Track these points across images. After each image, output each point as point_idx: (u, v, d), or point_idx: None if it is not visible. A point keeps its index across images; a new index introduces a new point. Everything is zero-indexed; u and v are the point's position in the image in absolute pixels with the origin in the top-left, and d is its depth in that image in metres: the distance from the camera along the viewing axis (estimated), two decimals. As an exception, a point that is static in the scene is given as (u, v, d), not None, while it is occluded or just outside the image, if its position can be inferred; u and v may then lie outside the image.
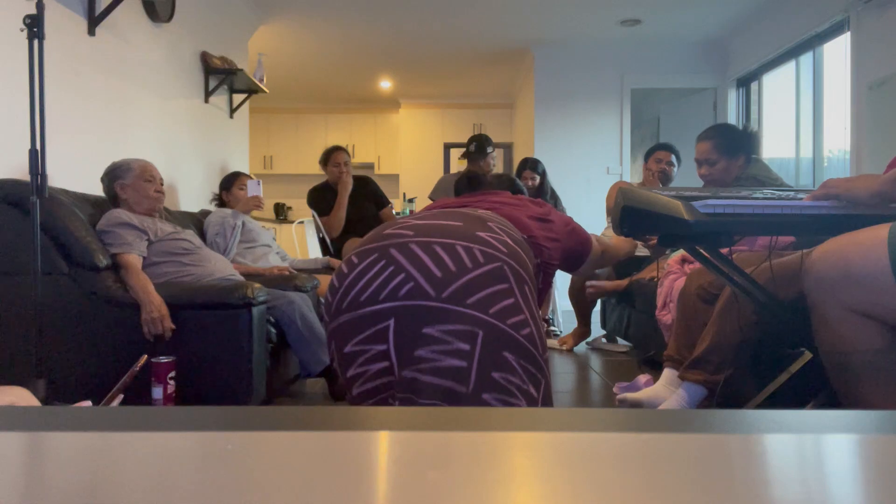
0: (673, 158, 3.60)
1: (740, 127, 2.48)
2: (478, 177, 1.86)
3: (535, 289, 1.13)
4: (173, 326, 2.08)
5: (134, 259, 2.23)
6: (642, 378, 2.51)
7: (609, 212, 3.80)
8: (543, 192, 4.12)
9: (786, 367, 1.94)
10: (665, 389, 2.13)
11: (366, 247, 1.08)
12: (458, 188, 1.84)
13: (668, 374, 2.17)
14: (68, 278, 2.09)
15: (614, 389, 2.49)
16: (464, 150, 4.22)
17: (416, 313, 0.98)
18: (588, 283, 3.52)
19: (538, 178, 4.09)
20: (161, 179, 2.50)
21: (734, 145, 2.36)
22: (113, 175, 2.43)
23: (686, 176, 5.58)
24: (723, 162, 2.36)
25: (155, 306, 2.07)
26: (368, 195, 4.09)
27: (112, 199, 2.45)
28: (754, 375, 2.08)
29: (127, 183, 2.41)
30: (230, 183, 3.28)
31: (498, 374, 0.98)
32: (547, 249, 1.32)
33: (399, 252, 1.02)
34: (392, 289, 0.99)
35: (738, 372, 1.98)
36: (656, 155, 3.64)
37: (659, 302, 2.70)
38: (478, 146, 4.12)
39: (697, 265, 2.43)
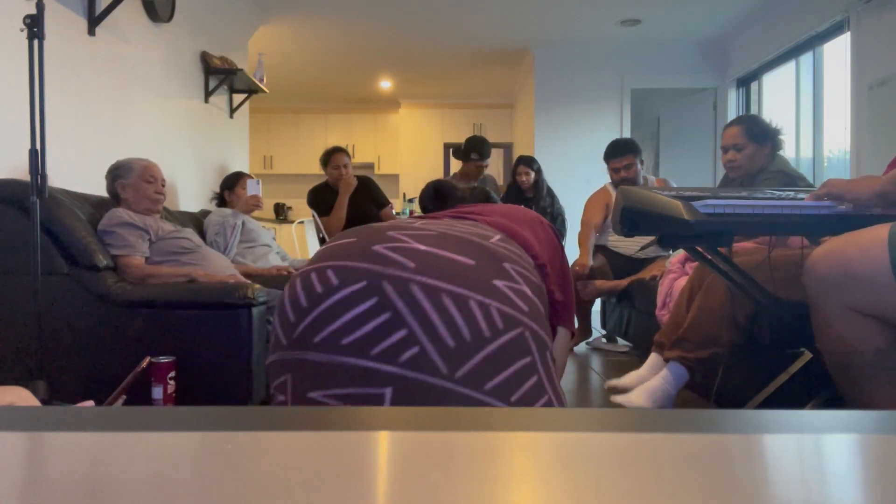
0: (633, 158, 3.48)
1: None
2: (446, 188, 1.51)
3: (552, 341, 0.92)
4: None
5: (137, 261, 2.24)
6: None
7: (584, 224, 3.73)
8: (539, 190, 4.12)
9: (786, 368, 1.94)
10: (648, 372, 2.13)
11: (349, 264, 0.84)
12: (423, 203, 1.53)
13: (653, 357, 2.17)
14: (68, 278, 2.09)
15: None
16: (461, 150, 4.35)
17: (422, 392, 0.77)
18: (580, 283, 3.51)
19: (533, 175, 4.09)
20: (163, 181, 2.51)
21: (762, 133, 2.38)
22: (115, 174, 2.44)
23: (675, 174, 5.58)
24: (751, 147, 2.37)
25: (189, 273, 2.27)
26: (369, 195, 4.09)
27: (113, 197, 2.45)
28: (754, 375, 2.08)
29: (127, 182, 2.41)
30: (233, 183, 3.28)
31: None
32: (552, 280, 1.08)
33: (397, 293, 0.80)
34: (390, 348, 0.79)
35: (720, 352, 1.97)
36: (611, 164, 3.54)
37: (659, 301, 2.70)
38: (463, 149, 4.27)
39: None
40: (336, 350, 0.80)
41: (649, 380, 2.04)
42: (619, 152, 3.51)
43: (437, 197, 1.49)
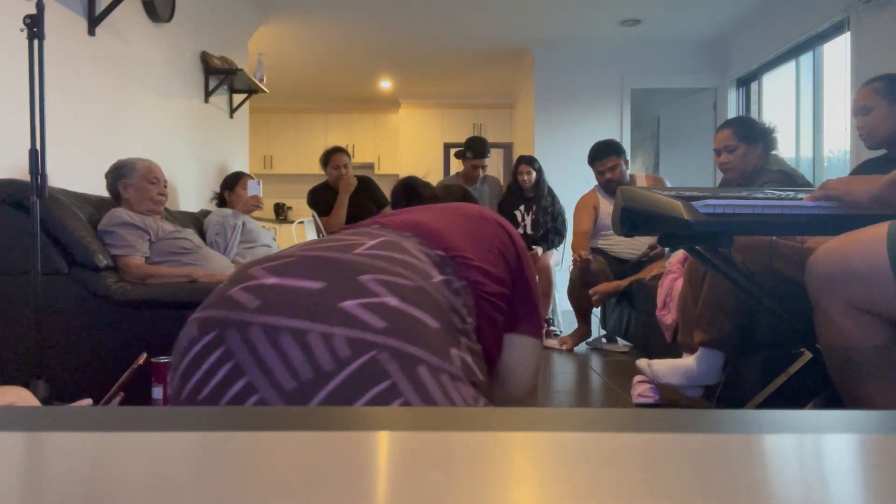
0: (617, 160, 3.51)
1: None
2: (414, 186, 1.45)
3: (455, 343, 0.85)
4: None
5: (137, 261, 2.24)
6: (639, 378, 2.51)
7: (575, 233, 3.74)
8: (540, 190, 4.13)
9: (786, 368, 1.94)
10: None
11: (208, 314, 0.85)
12: (393, 198, 1.49)
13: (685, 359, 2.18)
14: (68, 278, 2.08)
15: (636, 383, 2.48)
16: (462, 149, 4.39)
17: None
18: (591, 290, 3.49)
19: (534, 174, 4.10)
20: (165, 182, 2.51)
21: (753, 134, 2.40)
22: (117, 173, 2.43)
23: (675, 174, 5.58)
24: (742, 148, 2.40)
25: (189, 273, 2.28)
26: (369, 195, 4.09)
27: (114, 196, 2.45)
28: (754, 376, 2.08)
29: (130, 182, 2.41)
30: (233, 183, 3.28)
31: None
32: (477, 269, 0.98)
33: (239, 340, 0.79)
34: (234, 398, 0.78)
35: (734, 324, 2.00)
36: (595, 167, 3.58)
37: (659, 301, 2.70)
38: (462, 149, 4.33)
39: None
40: (194, 405, 0.80)
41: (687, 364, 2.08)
42: (602, 155, 3.54)
43: (404, 193, 1.46)
